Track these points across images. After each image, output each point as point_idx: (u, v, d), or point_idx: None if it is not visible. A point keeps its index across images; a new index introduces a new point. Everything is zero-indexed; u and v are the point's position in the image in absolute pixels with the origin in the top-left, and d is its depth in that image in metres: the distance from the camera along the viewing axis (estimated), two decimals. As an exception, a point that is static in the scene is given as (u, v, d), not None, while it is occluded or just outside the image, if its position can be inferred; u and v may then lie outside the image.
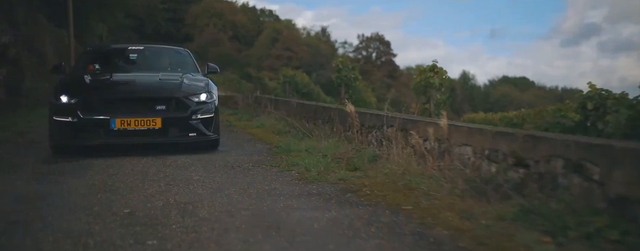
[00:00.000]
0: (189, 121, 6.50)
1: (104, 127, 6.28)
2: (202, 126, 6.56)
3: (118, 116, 6.30)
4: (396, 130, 5.49)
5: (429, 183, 4.28)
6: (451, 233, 3.18)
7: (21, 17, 14.01)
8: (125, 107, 6.42)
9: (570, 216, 3.03)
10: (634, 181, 2.83)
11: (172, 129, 6.45)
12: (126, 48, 8.25)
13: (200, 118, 6.56)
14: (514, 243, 2.90)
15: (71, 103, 6.35)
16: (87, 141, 6.34)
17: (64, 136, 6.35)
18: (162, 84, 6.84)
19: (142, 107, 6.46)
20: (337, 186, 4.66)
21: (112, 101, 6.47)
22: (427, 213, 3.62)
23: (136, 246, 2.96)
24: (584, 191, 3.15)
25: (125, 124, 6.31)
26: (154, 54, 8.22)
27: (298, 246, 2.97)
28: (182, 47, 8.92)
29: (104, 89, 6.73)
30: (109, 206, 3.87)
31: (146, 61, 7.87)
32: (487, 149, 4.07)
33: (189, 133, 6.51)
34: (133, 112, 6.37)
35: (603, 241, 2.78)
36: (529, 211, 3.25)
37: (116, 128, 6.29)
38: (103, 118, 6.29)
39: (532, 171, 3.60)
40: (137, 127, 6.33)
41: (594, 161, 3.09)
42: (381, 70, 54.69)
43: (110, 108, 6.37)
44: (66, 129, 6.31)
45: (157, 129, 6.36)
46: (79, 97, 6.38)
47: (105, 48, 9.17)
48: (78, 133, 6.30)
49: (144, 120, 6.35)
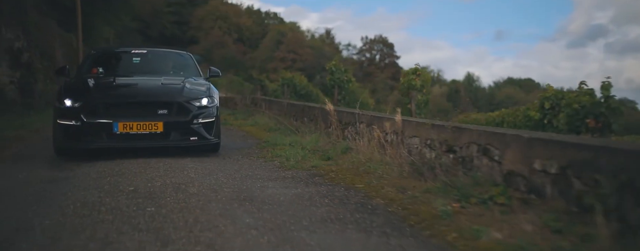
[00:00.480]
0: (190, 125, 6.60)
1: (107, 130, 6.40)
2: (203, 130, 6.66)
3: (121, 120, 6.41)
4: (365, 126, 6.38)
5: (384, 168, 5.18)
6: (385, 202, 4.08)
7: (33, 23, 15.01)
8: (128, 111, 6.53)
9: (475, 188, 3.92)
10: (517, 161, 3.71)
11: (173, 133, 6.57)
12: (129, 51, 8.37)
13: (201, 122, 6.66)
14: (429, 207, 3.80)
15: (75, 107, 6.45)
16: (90, 144, 6.44)
17: (67, 139, 6.46)
18: (164, 88, 6.90)
19: (144, 111, 6.56)
20: (309, 171, 5.57)
21: (115, 105, 6.57)
22: (373, 189, 4.52)
23: (138, 211, 3.86)
24: (488, 169, 4.04)
25: (128, 128, 6.42)
26: (157, 57, 8.36)
27: (264, 212, 3.87)
28: (184, 51, 8.97)
29: (107, 93, 6.81)
30: (116, 186, 4.77)
31: (149, 64, 8.04)
32: (428, 139, 4.96)
33: (190, 137, 6.61)
34: (135, 116, 6.48)
35: (493, 204, 3.67)
36: (448, 185, 4.14)
37: (119, 132, 6.40)
38: (106, 122, 6.40)
39: (457, 155, 4.49)
40: (140, 131, 6.45)
41: (495, 145, 3.98)
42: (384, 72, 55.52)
43: (113, 112, 6.48)
44: (69, 133, 6.42)
45: (159, 133, 6.48)
46: (82, 101, 6.48)
47: (108, 51, 9.22)
48: (81, 136, 6.41)
49: (146, 124, 6.46)
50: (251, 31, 59.15)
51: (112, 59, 8.33)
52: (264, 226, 3.48)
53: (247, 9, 63.53)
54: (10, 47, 12.93)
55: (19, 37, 13.54)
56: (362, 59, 59.30)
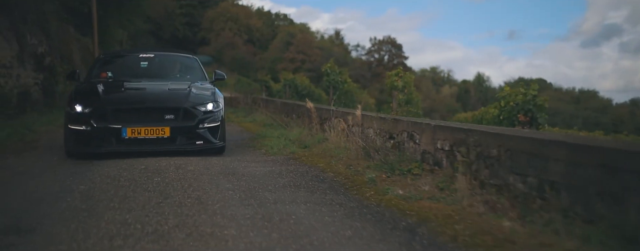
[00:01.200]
0: (196, 129, 6.86)
1: (116, 135, 6.69)
2: (208, 135, 6.93)
3: (129, 125, 6.70)
4: (338, 120, 7.73)
5: (345, 152, 6.54)
6: (334, 175, 5.44)
7: (54, 29, 16.52)
8: (136, 117, 6.79)
9: (401, 163, 5.27)
10: (428, 142, 5.05)
11: (180, 138, 6.84)
12: (137, 55, 8.66)
13: (207, 127, 6.92)
14: (363, 177, 5.15)
15: (85, 112, 6.73)
16: (99, 148, 6.72)
17: (78, 144, 6.75)
18: (171, 94, 7.16)
19: (152, 116, 6.83)
20: (286, 156, 6.94)
21: (124, 110, 6.83)
22: (329, 167, 5.89)
23: (148, 180, 5.24)
24: (412, 150, 5.38)
25: (136, 132, 6.71)
26: (164, 61, 8.66)
27: (241, 181, 5.23)
28: (190, 54, 9.24)
29: (116, 99, 7.07)
30: (131, 165, 6.16)
31: (156, 67, 8.36)
32: (378, 129, 6.30)
33: (196, 141, 6.89)
34: (143, 122, 6.75)
35: (410, 174, 5.01)
36: (384, 163, 5.49)
37: (127, 137, 6.69)
38: (115, 127, 6.68)
39: (395, 141, 5.84)
40: (147, 135, 6.73)
41: (417, 132, 5.32)
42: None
43: (122, 117, 6.75)
44: (80, 137, 6.71)
45: (166, 137, 6.76)
46: (92, 107, 6.76)
47: (117, 55, 9.39)
48: (91, 140, 6.70)
49: (153, 129, 6.74)
50: (261, 32, 60.59)
51: (120, 63, 8.57)
52: (239, 189, 4.85)
53: (258, 10, 65.07)
54: (35, 52, 14.44)
55: (42, 43, 15.04)
56: (370, 60, 60.61)
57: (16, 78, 13.16)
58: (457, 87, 76.02)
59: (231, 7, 60.16)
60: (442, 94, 72.69)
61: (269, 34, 61.10)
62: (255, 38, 59.93)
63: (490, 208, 3.71)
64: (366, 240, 3.29)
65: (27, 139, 8.90)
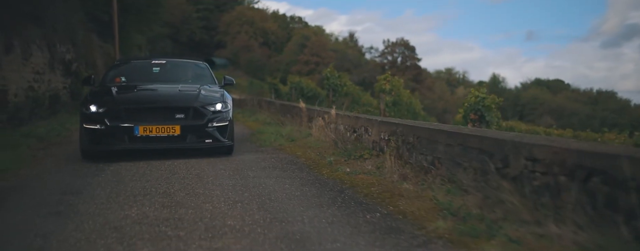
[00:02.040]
0: (205, 128, 7.22)
1: (129, 134, 7.05)
2: (217, 133, 7.31)
3: (141, 124, 7.04)
4: (319, 118, 9.33)
5: (320, 144, 8.14)
6: (305, 160, 7.05)
7: (80, 37, 18.35)
8: (148, 116, 7.13)
9: (358, 151, 6.87)
10: (376, 134, 6.65)
11: (190, 136, 7.19)
12: (150, 62, 9.11)
13: (215, 126, 7.29)
14: (325, 161, 6.75)
15: (99, 112, 7.09)
16: (113, 146, 7.11)
17: (93, 142, 7.12)
18: (181, 94, 7.55)
19: (163, 115, 7.17)
20: (274, 148, 8.57)
21: (136, 110, 7.17)
22: (304, 155, 7.50)
23: (161, 163, 6.88)
24: (367, 140, 6.98)
25: (148, 131, 7.06)
26: (175, 67, 9.11)
27: (232, 164, 6.86)
28: (201, 61, 9.61)
29: (129, 99, 7.43)
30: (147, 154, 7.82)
31: (167, 73, 8.78)
32: (347, 125, 7.90)
33: (205, 140, 7.26)
34: (155, 120, 7.10)
35: (361, 158, 6.60)
36: (345, 151, 7.08)
37: (139, 135, 7.05)
38: (128, 126, 7.04)
39: (357, 134, 7.43)
40: (159, 134, 7.07)
41: (370, 127, 6.91)
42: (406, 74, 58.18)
43: (134, 116, 7.09)
44: (95, 136, 7.08)
45: (177, 135, 7.12)
46: (106, 106, 7.13)
47: (131, 61, 9.73)
48: (105, 139, 7.07)
49: (164, 127, 7.08)
50: (276, 35, 62.35)
51: (133, 69, 8.96)
52: (229, 169, 6.48)
53: (273, 13, 66.87)
54: (63, 59, 16.24)
55: (69, 50, 16.85)
56: (384, 62, 62.11)
57: (48, 83, 14.96)
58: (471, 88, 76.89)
59: (247, 11, 62.05)
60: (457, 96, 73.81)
61: (283, 37, 62.82)
62: (271, 41, 61.72)
63: (402, 178, 5.29)
64: (307, 197, 4.89)
65: (63, 134, 10.64)
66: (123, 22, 25.85)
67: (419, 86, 57.76)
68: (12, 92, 12.77)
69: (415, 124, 5.75)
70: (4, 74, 12.34)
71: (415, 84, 57.91)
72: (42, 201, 4.78)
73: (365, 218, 4.11)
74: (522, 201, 3.73)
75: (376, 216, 4.16)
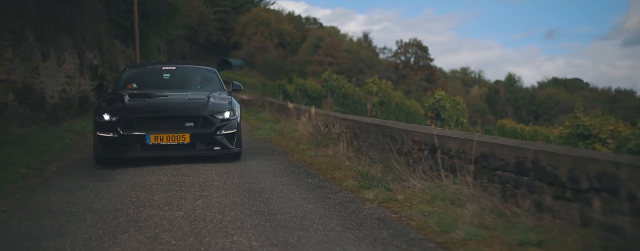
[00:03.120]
0: (214, 136, 7.53)
1: (141, 141, 7.41)
2: (226, 141, 7.61)
3: (152, 132, 7.40)
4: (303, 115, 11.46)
5: (302, 137, 10.27)
6: (284, 147, 9.22)
7: (105, 44, 20.71)
8: (159, 124, 7.49)
9: (326, 141, 9.00)
10: (339, 128, 8.77)
11: (199, 144, 7.51)
12: (160, 68, 9.43)
13: (224, 133, 7.59)
14: (300, 149, 8.88)
15: (112, 121, 7.41)
16: (126, 154, 7.46)
17: (106, 149, 7.45)
18: (190, 103, 7.84)
19: (173, 124, 7.52)
20: (265, 139, 10.73)
21: (147, 119, 7.50)
22: (285, 144, 9.64)
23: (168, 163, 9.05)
24: (335, 133, 9.10)
25: (159, 139, 7.42)
26: (185, 73, 9.44)
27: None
28: (209, 66, 9.95)
29: (140, 108, 7.68)
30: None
31: (177, 79, 9.07)
32: (321, 121, 10.03)
33: (214, 147, 7.58)
34: (165, 129, 7.44)
35: (326, 146, 8.72)
36: (316, 140, 9.21)
37: (151, 143, 7.42)
38: (140, 134, 7.40)
39: (327, 128, 9.55)
40: (169, 142, 7.43)
41: (335, 122, 9.03)
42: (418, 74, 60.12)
43: (146, 125, 7.44)
44: (108, 144, 7.41)
45: (187, 143, 7.46)
46: (119, 115, 7.45)
47: (141, 68, 10.07)
48: (118, 146, 7.41)
49: (175, 135, 7.43)
50: (291, 36, 64.52)
51: (144, 75, 9.26)
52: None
53: (288, 14, 69.09)
54: (91, 64, 18.57)
55: (96, 56, 19.20)
56: (397, 62, 64.11)
57: (78, 86, 17.30)
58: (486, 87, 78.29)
59: (263, 12, 64.25)
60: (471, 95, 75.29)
61: (299, 38, 64.95)
62: (286, 42, 63.92)
63: (348, 158, 7.39)
64: (275, 170, 7.01)
65: (94, 130, 12.91)
66: (143, 28, 28.22)
67: (431, 86, 59.54)
68: (49, 94, 15.11)
69: (360, 119, 7.87)
70: (42, 79, 14.67)
71: (428, 84, 59.71)
72: (90, 174, 6.97)
73: (307, 181, 6.24)
74: (405, 168, 5.82)
75: (315, 180, 6.29)
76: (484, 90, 77.02)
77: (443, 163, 5.20)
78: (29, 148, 8.44)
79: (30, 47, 14.01)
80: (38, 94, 14.38)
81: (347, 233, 4.04)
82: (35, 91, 14.21)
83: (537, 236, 3.57)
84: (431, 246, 3.70)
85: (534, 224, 3.78)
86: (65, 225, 4.39)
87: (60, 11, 16.30)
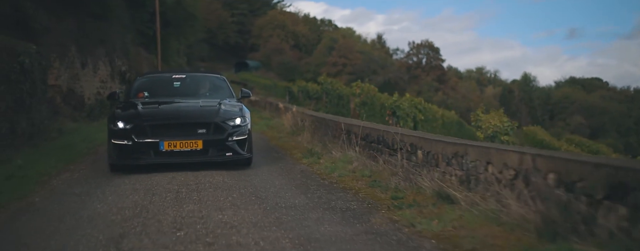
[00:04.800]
0: (226, 142, 7.78)
1: (154, 148, 7.60)
2: (237, 147, 7.86)
3: (166, 139, 7.60)
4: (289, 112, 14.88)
5: (285, 129, 13.72)
6: (269, 137, 12.71)
7: (131, 52, 24.39)
8: (172, 131, 7.71)
9: (298, 131, 12.44)
10: (308, 122, 12.20)
11: (211, 150, 7.73)
12: (171, 77, 9.80)
13: (235, 140, 7.84)
14: (279, 137, 12.34)
15: (126, 128, 7.62)
16: (140, 160, 7.64)
17: (121, 157, 7.66)
18: (202, 110, 8.13)
19: (186, 131, 7.75)
20: (258, 132, 14.16)
21: (161, 126, 7.73)
22: (272, 135, 13.15)
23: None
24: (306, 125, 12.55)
25: (172, 146, 7.62)
26: (195, 81, 9.79)
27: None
28: (219, 74, 10.36)
29: (154, 116, 7.92)
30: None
31: (188, 87, 9.41)
32: (299, 117, 13.46)
33: (226, 153, 7.81)
34: (178, 136, 7.66)
35: (299, 135, 12.16)
36: (294, 132, 12.66)
37: (164, 149, 7.60)
38: (153, 141, 7.59)
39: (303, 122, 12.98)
40: (182, 148, 7.63)
41: (306, 118, 12.47)
42: (430, 74, 63.19)
43: (159, 132, 7.65)
44: (122, 151, 7.61)
45: (199, 150, 7.68)
46: (132, 123, 7.65)
47: (153, 77, 10.45)
48: (132, 153, 7.59)
49: (187, 142, 7.64)
50: (307, 38, 67.79)
51: (155, 84, 9.56)
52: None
53: (304, 17, 72.51)
54: (120, 70, 22.21)
55: (124, 63, 22.85)
56: (409, 63, 67.24)
57: (109, 89, 20.94)
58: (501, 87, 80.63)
59: (279, 15, 67.63)
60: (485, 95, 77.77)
61: (314, 40, 68.16)
62: (301, 44, 67.26)
63: (307, 142, 10.79)
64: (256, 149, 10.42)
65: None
66: (164, 35, 31.87)
67: (442, 86, 62.56)
68: (87, 96, 18.77)
69: (317, 115, 11.31)
70: (81, 84, 18.33)
71: (439, 84, 62.70)
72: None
73: (272, 155, 9.66)
74: (333, 145, 9.22)
75: (278, 154, 9.72)
76: (498, 90, 79.37)
77: (350, 141, 8.59)
78: (83, 136, 11.96)
79: (72, 57, 17.65)
80: (79, 96, 18.02)
81: (281, 178, 7.40)
82: (76, 94, 17.85)
83: (372, 174, 6.95)
84: (319, 180, 7.07)
85: (378, 169, 7.16)
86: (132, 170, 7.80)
87: (96, 27, 19.92)
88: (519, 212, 3.84)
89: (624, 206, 3.23)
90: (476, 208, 4.34)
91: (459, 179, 5.14)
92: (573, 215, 3.49)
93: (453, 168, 5.34)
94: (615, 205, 3.28)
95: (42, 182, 7.03)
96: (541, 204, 3.72)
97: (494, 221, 4.02)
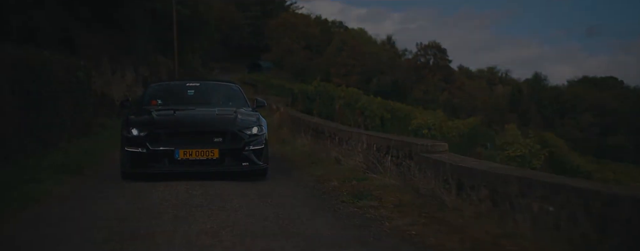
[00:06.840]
0: (242, 152, 7.73)
1: (169, 157, 7.58)
2: (253, 157, 7.81)
3: (181, 147, 7.58)
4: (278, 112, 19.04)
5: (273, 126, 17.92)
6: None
7: (153, 60, 28.78)
8: (188, 140, 7.72)
9: (278, 129, 16.66)
10: (294, 122, 16.39)
11: (227, 159, 7.70)
12: (184, 84, 9.91)
13: (252, 149, 7.81)
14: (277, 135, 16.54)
15: (140, 136, 7.62)
16: (154, 169, 7.63)
17: (134, 165, 7.69)
18: (219, 118, 8.18)
19: (202, 139, 7.75)
20: (256, 127, 18.42)
21: (176, 134, 7.75)
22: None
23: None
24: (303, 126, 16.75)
25: (188, 154, 7.59)
26: (209, 89, 9.85)
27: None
28: (233, 83, 10.47)
29: (169, 123, 7.94)
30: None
31: (202, 95, 9.39)
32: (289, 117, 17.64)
33: (242, 163, 7.75)
34: (194, 144, 7.66)
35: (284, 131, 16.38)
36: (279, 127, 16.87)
37: (180, 158, 7.56)
38: (168, 149, 7.57)
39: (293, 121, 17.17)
40: (198, 157, 7.60)
41: (296, 121, 16.67)
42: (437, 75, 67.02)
43: (174, 140, 7.65)
44: (136, 159, 7.63)
45: (215, 159, 7.64)
46: (147, 131, 7.64)
47: (166, 85, 10.59)
48: (146, 162, 7.59)
49: (203, 151, 7.62)
50: (318, 39, 71.67)
51: (168, 92, 9.61)
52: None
53: (316, 18, 76.59)
54: (143, 76, 26.57)
55: (146, 70, 27.24)
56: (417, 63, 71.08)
57: (134, 92, 25.29)
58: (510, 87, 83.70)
59: (291, 17, 71.65)
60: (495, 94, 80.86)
61: (325, 41, 72.02)
62: (313, 45, 71.19)
63: (286, 135, 14.96)
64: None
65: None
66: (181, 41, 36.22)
67: (449, 86, 66.34)
68: (116, 99, 23.13)
69: (294, 114, 15.51)
70: (111, 88, 22.71)
71: (445, 84, 66.51)
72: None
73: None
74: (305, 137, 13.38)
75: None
76: (507, 89, 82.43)
77: (319, 135, 12.72)
78: (118, 130, 16.18)
79: (105, 66, 22.02)
80: (110, 99, 22.39)
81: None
82: (108, 97, 22.22)
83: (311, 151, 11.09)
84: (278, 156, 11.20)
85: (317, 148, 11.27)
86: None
87: (123, 39, 24.27)
88: (357, 162, 8.05)
89: (390, 155, 7.42)
90: (345, 163, 8.55)
91: (346, 151, 9.32)
92: (375, 162, 7.67)
93: (347, 146, 9.51)
94: (387, 155, 7.47)
95: (102, 155, 11.21)
96: (366, 159, 7.90)
97: (347, 168, 8.22)
